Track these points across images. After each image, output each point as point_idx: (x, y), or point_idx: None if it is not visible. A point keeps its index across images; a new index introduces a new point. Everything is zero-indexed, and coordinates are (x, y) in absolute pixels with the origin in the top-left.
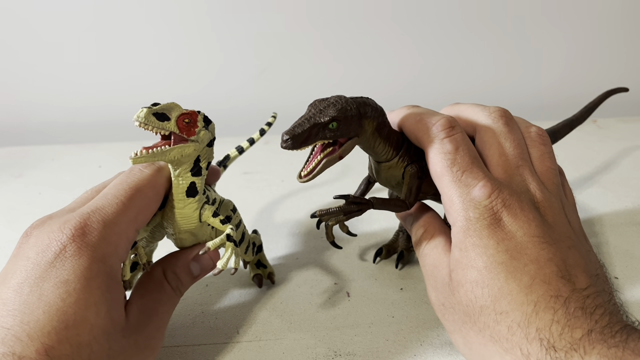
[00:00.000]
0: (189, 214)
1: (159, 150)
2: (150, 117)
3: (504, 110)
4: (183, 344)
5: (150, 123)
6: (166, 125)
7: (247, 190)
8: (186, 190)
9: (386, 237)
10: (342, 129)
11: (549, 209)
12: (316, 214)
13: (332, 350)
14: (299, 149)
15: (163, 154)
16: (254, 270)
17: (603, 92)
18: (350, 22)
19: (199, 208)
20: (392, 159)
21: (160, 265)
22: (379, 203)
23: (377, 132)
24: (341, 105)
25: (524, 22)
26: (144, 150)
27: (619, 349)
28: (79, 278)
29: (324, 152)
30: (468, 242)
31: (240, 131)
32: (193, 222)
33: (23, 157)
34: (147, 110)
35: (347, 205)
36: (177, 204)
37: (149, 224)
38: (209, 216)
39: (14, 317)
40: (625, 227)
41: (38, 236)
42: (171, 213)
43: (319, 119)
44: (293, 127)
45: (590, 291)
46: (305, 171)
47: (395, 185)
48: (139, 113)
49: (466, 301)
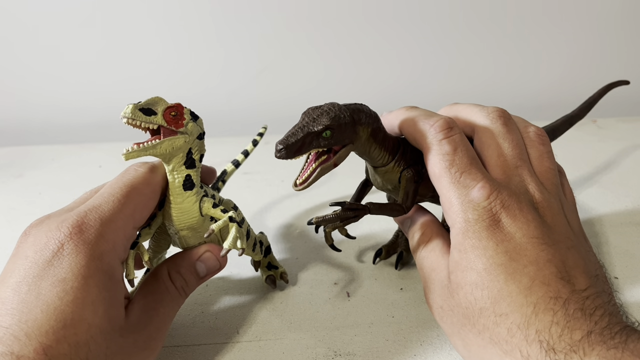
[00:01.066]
0: (189, 207)
1: (150, 144)
2: (137, 112)
3: (502, 111)
4: (183, 344)
5: (138, 118)
6: (153, 119)
7: (247, 190)
8: (183, 184)
9: (386, 237)
10: (336, 137)
11: (548, 209)
12: (312, 221)
13: (332, 350)
14: (293, 158)
15: (154, 148)
16: (266, 272)
17: (603, 86)
18: (350, 23)
19: (198, 201)
20: (388, 163)
21: (165, 265)
22: (376, 208)
23: (372, 138)
24: (334, 113)
25: (524, 22)
26: (135, 145)
27: (618, 350)
28: (77, 276)
29: (319, 160)
30: (467, 243)
31: (240, 131)
32: (194, 216)
33: (23, 157)
34: (132, 106)
35: (344, 212)
36: (175, 199)
37: (151, 227)
38: (209, 207)
39: (12, 316)
40: (625, 227)
41: (36, 235)
42: (170, 210)
43: (313, 127)
44: (287, 136)
45: (590, 292)
46: (301, 179)
47: (392, 189)
48: (125, 110)
49: (465, 303)
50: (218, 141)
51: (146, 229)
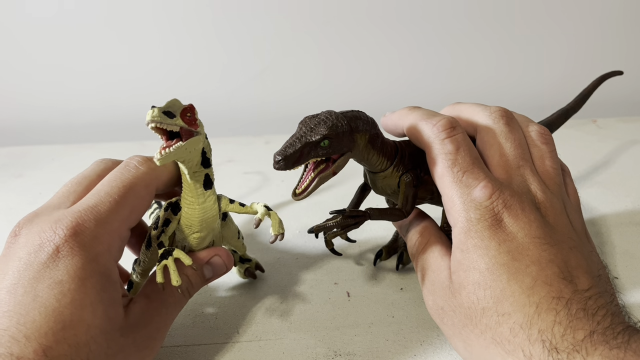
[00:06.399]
0: (210, 206)
1: (177, 146)
2: (162, 115)
3: (505, 110)
4: (183, 344)
5: (165, 121)
6: (176, 121)
7: (247, 190)
8: (204, 183)
9: (386, 237)
10: (334, 146)
11: (551, 209)
12: (313, 229)
13: (332, 350)
14: (292, 169)
15: (181, 149)
16: (242, 266)
17: (597, 78)
18: (350, 22)
19: (217, 199)
20: (386, 169)
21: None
22: (376, 214)
23: (369, 145)
24: (332, 122)
25: (526, 21)
26: (163, 150)
27: (620, 350)
28: (73, 278)
29: (317, 169)
30: (469, 243)
31: (240, 131)
32: (214, 214)
33: (23, 157)
34: (158, 109)
35: (344, 219)
36: (198, 199)
37: (167, 233)
38: (227, 204)
39: (9, 319)
40: (626, 227)
41: (28, 235)
42: (192, 211)
43: (310, 137)
44: (285, 147)
45: (592, 292)
46: (300, 189)
47: (391, 193)
48: (152, 114)
49: (468, 303)
50: (218, 141)
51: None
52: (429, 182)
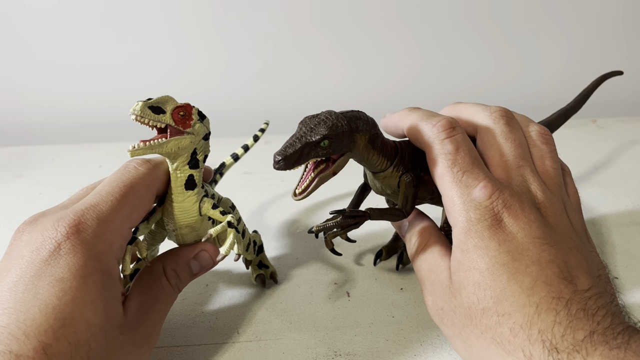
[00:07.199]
0: (189, 207)
1: (156, 142)
2: (146, 110)
3: (505, 110)
4: (183, 344)
5: (146, 116)
6: (162, 118)
7: (247, 190)
8: (185, 183)
9: (386, 237)
10: (334, 146)
11: (550, 209)
12: (313, 230)
13: (332, 350)
14: (292, 169)
15: (160, 146)
16: (256, 271)
17: (597, 78)
18: (351, 22)
19: (198, 201)
20: (386, 169)
21: (160, 261)
22: (376, 214)
23: (369, 145)
24: (332, 122)
25: (526, 21)
26: (142, 142)
27: (620, 350)
28: (75, 276)
29: (317, 169)
30: (470, 243)
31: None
32: (193, 215)
33: (23, 157)
34: (142, 103)
35: (344, 219)
36: (176, 197)
37: (150, 221)
38: (209, 208)
39: (9, 316)
40: (626, 227)
41: (31, 233)
42: (171, 207)
43: (310, 137)
44: (285, 147)
45: (592, 292)
46: (300, 189)
47: (391, 193)
48: (135, 106)
49: (468, 303)
50: (218, 141)
51: (144, 224)
52: (429, 182)
